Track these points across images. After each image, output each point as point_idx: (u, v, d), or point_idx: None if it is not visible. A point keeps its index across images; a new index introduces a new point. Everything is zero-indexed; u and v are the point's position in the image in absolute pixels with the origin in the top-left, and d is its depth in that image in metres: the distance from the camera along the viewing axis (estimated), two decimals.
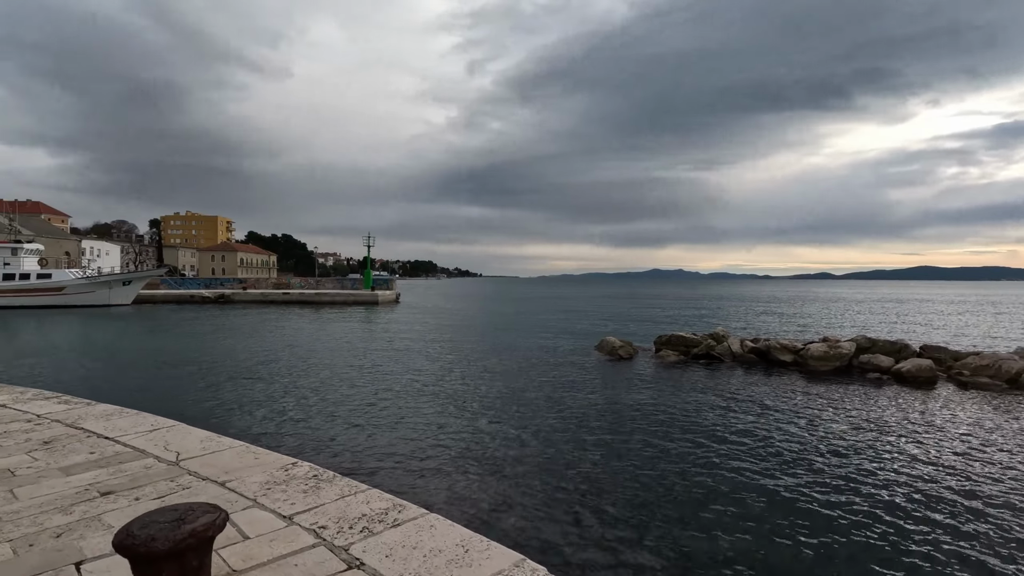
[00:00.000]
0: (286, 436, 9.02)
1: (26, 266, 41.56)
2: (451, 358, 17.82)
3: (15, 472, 3.92)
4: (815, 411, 11.28)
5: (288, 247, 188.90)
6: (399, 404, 11.51)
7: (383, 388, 13.09)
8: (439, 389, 13.03)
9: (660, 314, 41.74)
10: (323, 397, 12.02)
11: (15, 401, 5.98)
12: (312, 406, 11.18)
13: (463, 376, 14.71)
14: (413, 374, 14.93)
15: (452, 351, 19.55)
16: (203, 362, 16.87)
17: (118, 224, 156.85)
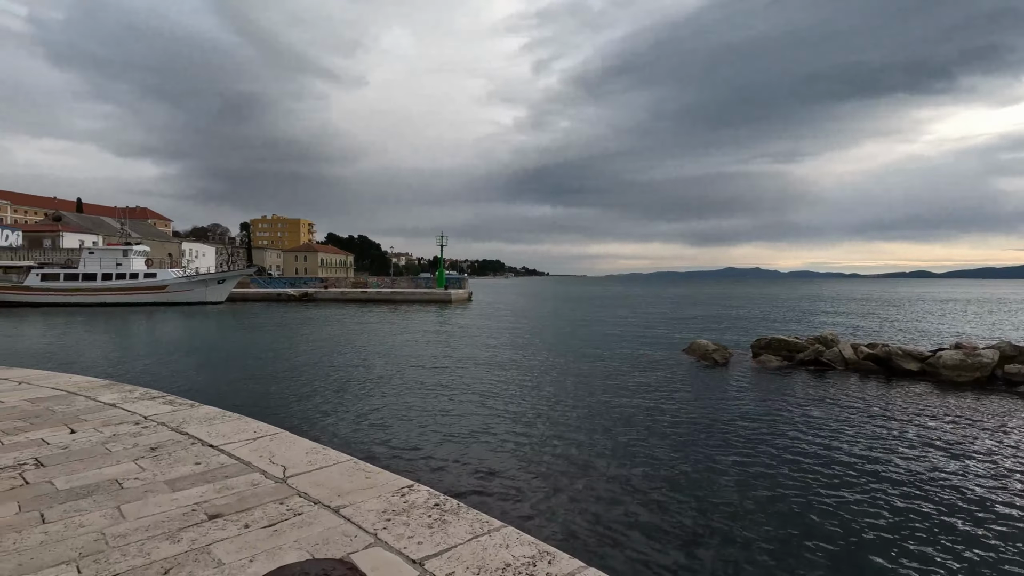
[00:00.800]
0: (383, 445, 8.68)
1: (135, 266, 45.21)
2: (534, 362, 17.22)
3: (123, 484, 3.64)
4: (959, 432, 9.71)
5: (364, 247, 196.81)
6: (489, 412, 11.03)
7: (472, 393, 12.68)
8: (526, 397, 12.45)
9: (745, 315, 39.27)
10: (411, 402, 11.75)
11: (124, 400, 5.92)
12: (404, 412, 10.91)
13: (551, 381, 14.06)
14: (499, 379, 14.45)
15: (533, 353, 18.96)
16: (294, 361, 17.24)
17: (213, 227, 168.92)
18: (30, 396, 6.11)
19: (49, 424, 5.01)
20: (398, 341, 22.34)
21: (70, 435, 4.69)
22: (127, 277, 44.25)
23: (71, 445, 4.42)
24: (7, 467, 3.93)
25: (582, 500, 6.68)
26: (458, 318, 35.82)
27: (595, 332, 26.24)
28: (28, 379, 7.05)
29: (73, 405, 5.73)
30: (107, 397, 6.08)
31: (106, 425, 4.98)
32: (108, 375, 13.12)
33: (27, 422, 5.07)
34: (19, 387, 6.62)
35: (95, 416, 5.29)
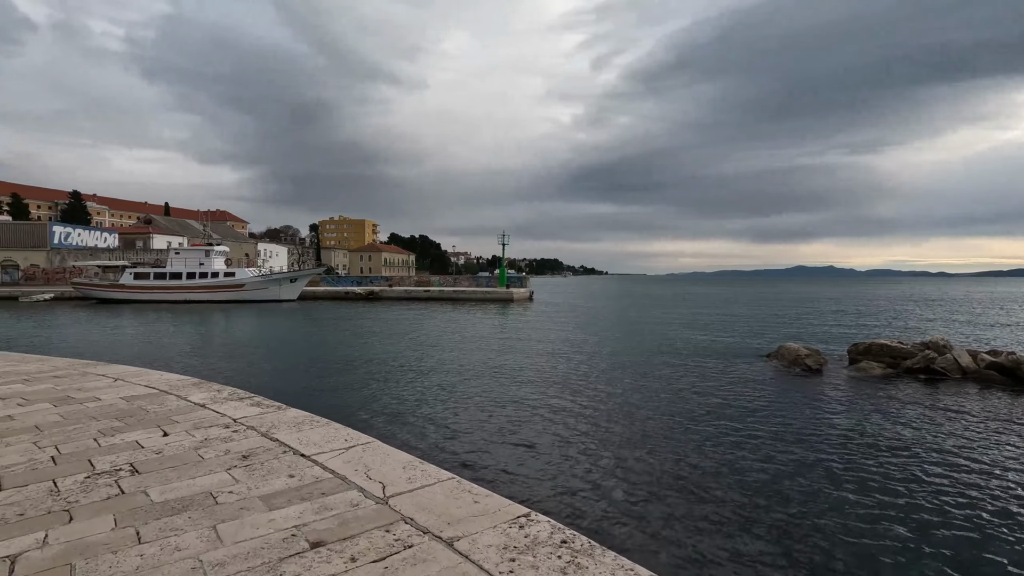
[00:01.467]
0: (477, 459, 8.16)
1: (215, 266, 47.80)
2: (609, 366, 16.49)
3: (217, 498, 3.36)
4: None
5: (424, 247, 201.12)
6: (574, 422, 10.49)
7: (551, 400, 12.17)
8: (611, 406, 11.79)
9: (827, 317, 36.66)
10: (493, 409, 11.34)
11: (213, 401, 5.80)
12: (488, 421, 10.50)
13: (631, 388, 13.32)
14: (576, 385, 13.86)
15: (606, 357, 18.23)
16: (369, 360, 17.33)
17: (284, 228, 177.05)
18: (125, 394, 6.12)
19: (143, 425, 4.90)
20: (467, 341, 22.17)
21: (163, 438, 4.54)
22: (208, 276, 46.86)
23: (164, 450, 4.24)
24: (104, 472, 3.77)
25: (702, 531, 6.01)
26: (521, 318, 35.45)
27: (667, 334, 25.10)
28: (123, 376, 7.14)
29: (165, 405, 5.65)
30: (197, 397, 5.99)
31: (197, 428, 4.81)
32: (194, 372, 13.55)
33: (122, 422, 4.99)
34: (115, 384, 6.69)
35: (186, 417, 5.16)
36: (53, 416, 5.18)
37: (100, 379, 6.98)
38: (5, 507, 3.21)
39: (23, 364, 8.10)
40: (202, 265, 47.12)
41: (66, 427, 4.83)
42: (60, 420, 5.05)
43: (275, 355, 18.53)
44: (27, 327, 28.76)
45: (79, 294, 48.45)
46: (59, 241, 64.61)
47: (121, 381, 6.84)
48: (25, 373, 7.38)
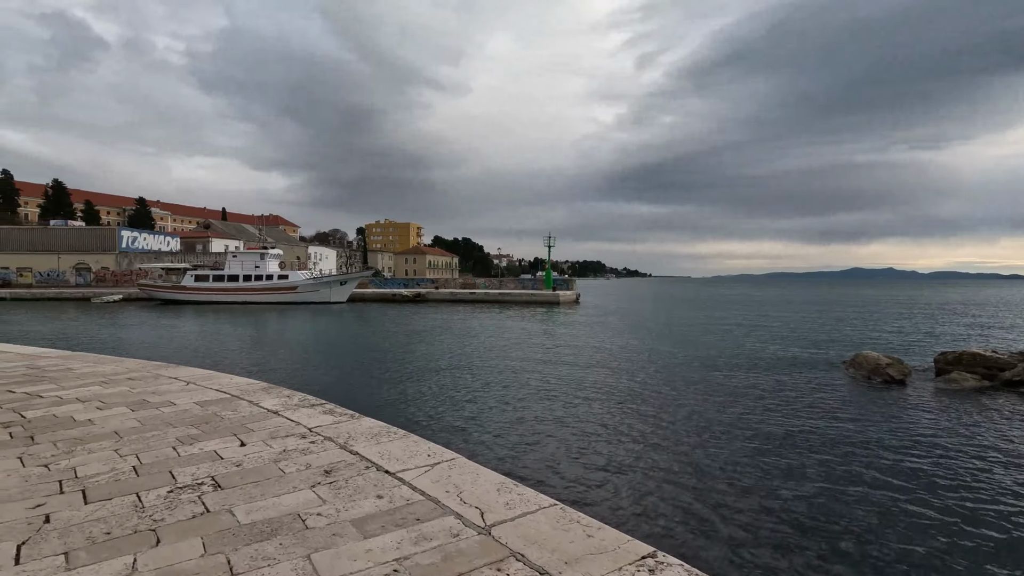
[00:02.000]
0: (569, 479, 7.71)
1: (270, 268, 49.35)
2: (672, 376, 15.82)
3: (306, 521, 3.10)
4: None
5: (467, 249, 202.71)
6: (651, 436, 9.99)
7: (621, 412, 11.69)
8: (683, 421, 11.21)
9: (900, 324, 34.50)
10: (566, 420, 10.97)
11: (285, 407, 5.63)
12: (563, 434, 10.15)
13: (705, 402, 12.66)
14: (642, 396, 13.31)
15: (667, 366, 17.53)
16: (427, 364, 17.24)
17: (333, 232, 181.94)
18: (198, 399, 6.04)
19: (219, 433, 4.75)
20: (520, 347, 21.87)
21: (241, 448, 4.36)
22: (263, 278, 48.41)
23: (244, 462, 4.04)
24: (187, 486, 3.58)
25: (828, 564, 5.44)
26: (570, 321, 34.91)
27: (727, 340, 24.06)
28: (194, 379, 7.12)
29: (238, 411, 5.52)
30: (269, 403, 5.85)
31: (274, 438, 4.62)
32: (258, 375, 13.74)
33: (199, 429, 4.86)
34: (187, 388, 6.65)
35: (261, 426, 4.99)
36: (131, 421, 5.11)
37: (172, 382, 6.97)
38: (92, 523, 3.04)
39: (99, 365, 8.25)
40: (257, 268, 48.73)
41: (144, 434, 4.72)
42: (138, 426, 4.97)
43: (333, 358, 18.70)
44: (99, 327, 30.31)
45: (144, 295, 50.96)
46: (127, 245, 68.30)
47: (193, 385, 6.80)
48: (102, 375, 7.48)
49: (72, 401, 5.93)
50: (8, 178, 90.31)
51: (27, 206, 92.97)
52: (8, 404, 5.79)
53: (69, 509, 3.23)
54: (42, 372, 7.69)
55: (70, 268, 64.92)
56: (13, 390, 6.49)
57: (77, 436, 4.65)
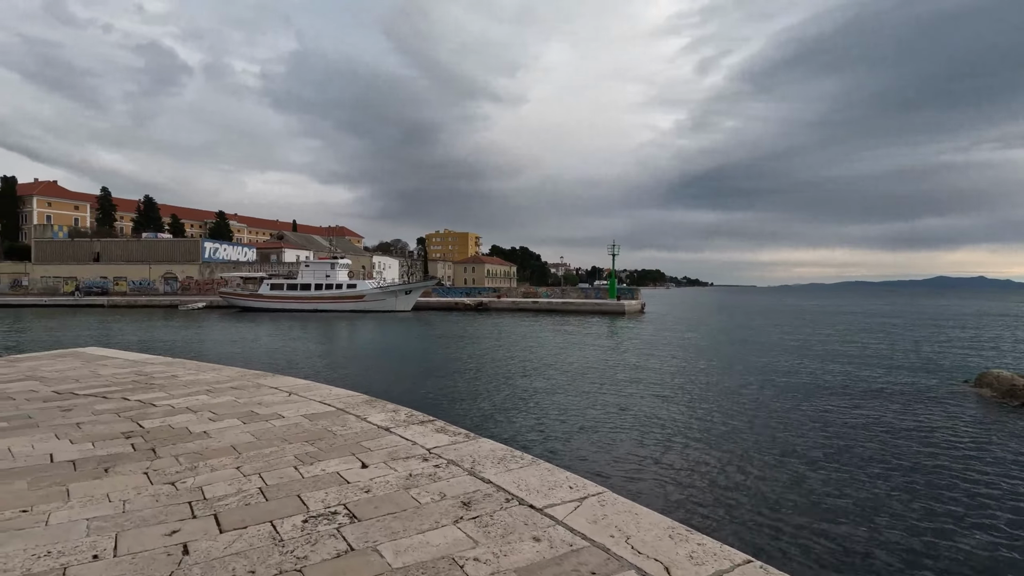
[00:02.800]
0: (728, 518, 7.04)
1: (339, 278, 50.95)
2: (774, 396, 14.74)
3: (463, 567, 2.69)
4: None
5: (524, 258, 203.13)
6: (789, 466, 9.16)
7: (736, 437, 10.89)
8: (809, 448, 10.27)
9: (1005, 337, 31.23)
10: (685, 449, 10.30)
11: (395, 424, 5.33)
12: (689, 462, 9.50)
13: (824, 429, 11.63)
14: (757, 421, 12.40)
15: (766, 385, 16.41)
16: (511, 376, 16.95)
17: (394, 242, 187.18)
18: (304, 411, 5.86)
19: (336, 451, 4.48)
20: (596, 358, 21.22)
21: (363, 470, 4.05)
22: (333, 287, 50.02)
23: (372, 488, 3.71)
24: (320, 515, 3.27)
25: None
26: (639, 333, 33.80)
27: (824, 359, 22.41)
28: (295, 390, 7.01)
29: (348, 426, 5.27)
30: (376, 418, 5.58)
31: (394, 459, 4.29)
32: (350, 385, 13.80)
33: (314, 446, 4.62)
34: (289, 399, 6.52)
35: (376, 444, 4.69)
36: (245, 435, 4.94)
37: (274, 392, 6.88)
38: (233, 558, 2.76)
39: (201, 373, 8.35)
40: (328, 277, 50.42)
41: (262, 450, 4.52)
42: (253, 440, 4.79)
43: (414, 367, 18.70)
44: (189, 334, 32.05)
45: (225, 303, 53.82)
46: (209, 256, 72.64)
47: (295, 396, 6.67)
48: (206, 383, 7.52)
49: (184, 411, 5.89)
50: (107, 195, 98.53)
51: (122, 220, 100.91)
52: (126, 412, 5.81)
53: (206, 538, 2.98)
54: (150, 379, 7.83)
55: (159, 277, 69.73)
56: (128, 398, 6.57)
57: (196, 450, 4.51)
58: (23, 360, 9.79)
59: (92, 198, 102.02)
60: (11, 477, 3.84)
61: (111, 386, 7.33)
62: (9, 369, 8.78)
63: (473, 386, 14.71)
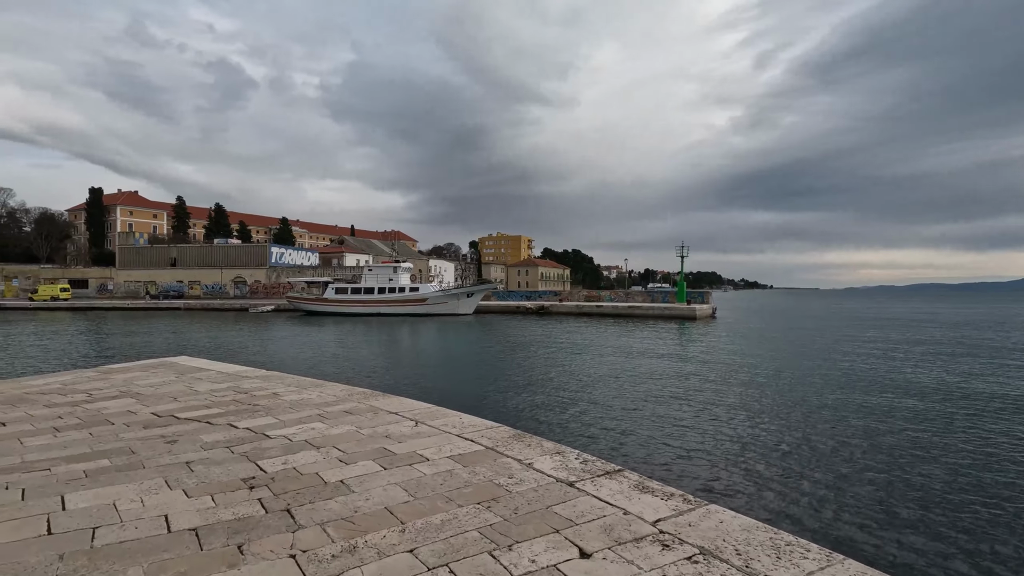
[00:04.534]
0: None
1: (401, 281, 50.94)
2: (901, 426, 12.75)
3: None
4: None
5: (577, 261, 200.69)
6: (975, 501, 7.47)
7: (889, 466, 9.19)
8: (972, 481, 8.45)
9: None
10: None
11: (575, 476, 4.11)
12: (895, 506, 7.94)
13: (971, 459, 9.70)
14: (900, 441, 10.59)
15: (879, 406, 14.36)
16: (607, 389, 15.63)
17: (448, 246, 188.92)
18: (449, 450, 4.73)
19: (531, 524, 3.27)
20: (684, 368, 19.55)
21: (586, 563, 2.83)
22: (396, 291, 50.04)
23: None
24: None
25: None
26: (717, 338, 31.60)
27: (935, 370, 19.84)
28: (419, 416, 5.93)
29: (516, 476, 4.08)
30: (544, 463, 4.37)
31: (620, 543, 3.04)
32: (441, 397, 12.85)
33: (493, 512, 3.44)
34: (418, 430, 5.43)
35: (575, 511, 3.46)
36: (396, 490, 3.83)
37: (396, 420, 5.82)
38: None
39: (304, 391, 7.45)
40: (390, 281, 50.52)
41: (429, 517, 3.38)
42: (410, 499, 3.67)
43: (498, 376, 17.61)
44: (264, 338, 32.35)
45: (291, 306, 54.92)
46: (275, 260, 74.85)
47: (424, 425, 5.58)
48: (314, 405, 6.58)
49: (304, 446, 4.88)
50: (182, 204, 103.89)
51: (195, 227, 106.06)
52: (238, 447, 4.86)
53: None
54: (252, 399, 6.97)
55: (230, 281, 72.37)
56: (235, 424, 5.66)
57: (343, 514, 3.42)
58: (116, 372, 9.26)
59: (168, 206, 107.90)
60: (124, 559, 2.85)
61: (212, 407, 6.50)
62: (103, 383, 8.19)
63: (571, 402, 13.42)
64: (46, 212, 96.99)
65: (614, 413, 12.16)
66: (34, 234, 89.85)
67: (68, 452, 4.71)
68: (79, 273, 77.37)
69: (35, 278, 74.52)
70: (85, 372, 9.30)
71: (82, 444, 4.95)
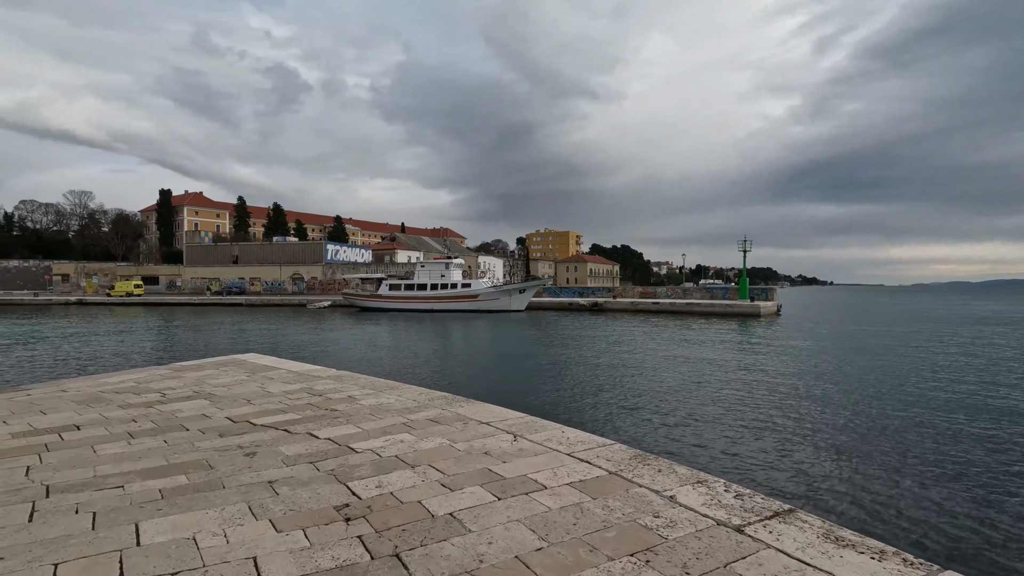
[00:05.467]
0: None
1: (454, 277, 50.86)
2: None
3: None
4: None
5: (626, 256, 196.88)
6: None
7: None
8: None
9: None
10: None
11: (739, 517, 3.28)
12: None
13: None
14: None
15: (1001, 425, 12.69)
16: (692, 394, 14.62)
17: (495, 242, 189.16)
18: (566, 475, 3.98)
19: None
20: (766, 368, 18.20)
21: None
22: (448, 287, 50.00)
23: None
24: None
25: None
26: (790, 337, 29.65)
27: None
28: (515, 428, 5.23)
29: (664, 515, 3.29)
30: (689, 497, 3.56)
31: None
32: (524, 402, 12.21)
33: (656, 569, 2.67)
34: (519, 446, 4.72)
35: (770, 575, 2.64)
36: (520, 530, 3.11)
37: (491, 432, 5.13)
38: None
39: (381, 394, 6.90)
40: (443, 277, 50.53)
41: (577, 574, 2.64)
42: (541, 544, 2.94)
43: (567, 378, 16.80)
44: (324, 332, 32.76)
45: (347, 302, 55.89)
46: (330, 257, 76.61)
47: (523, 440, 4.87)
48: (395, 411, 5.99)
49: (396, 463, 4.26)
50: (242, 204, 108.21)
51: (255, 226, 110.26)
52: (323, 463, 4.29)
53: None
54: (328, 402, 6.47)
55: (288, 278, 74.60)
56: (315, 433, 5.12)
57: (467, 565, 2.73)
58: (188, 369, 9.04)
59: (230, 206, 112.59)
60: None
61: (288, 411, 6.02)
62: (176, 381, 7.93)
63: (661, 410, 12.41)
64: (121, 213, 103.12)
65: (719, 425, 11.12)
66: (111, 234, 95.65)
67: (142, 464, 4.26)
68: (151, 270, 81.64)
69: (112, 275, 79.13)
70: (158, 369, 9.13)
71: (157, 454, 4.51)
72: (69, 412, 6.06)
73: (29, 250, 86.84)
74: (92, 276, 79.46)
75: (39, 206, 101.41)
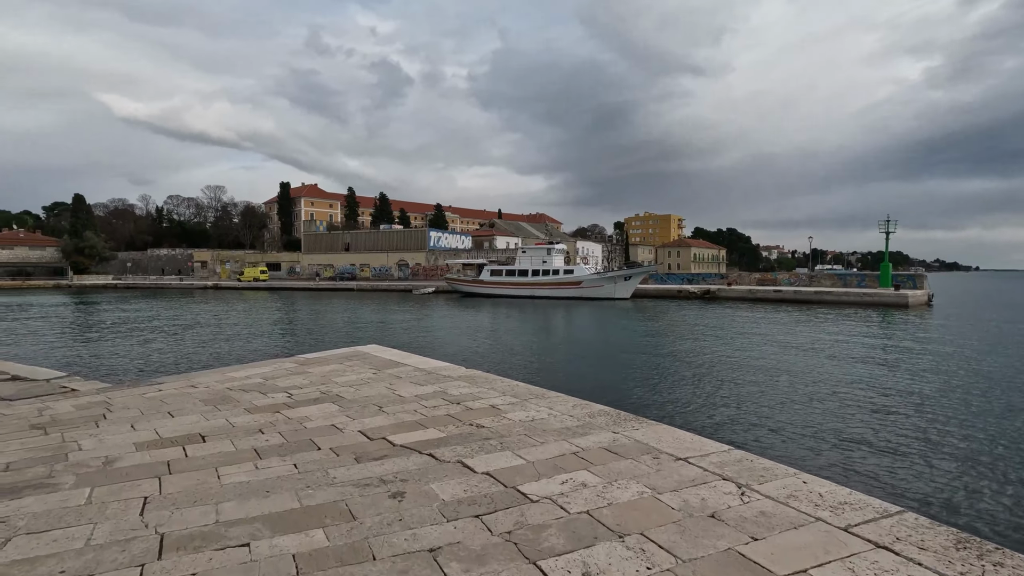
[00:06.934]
0: None
1: (556, 263, 49.63)
2: None
3: None
4: None
5: (732, 240, 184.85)
6: None
7: None
8: None
9: None
10: None
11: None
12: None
13: None
14: None
15: None
16: (862, 403, 12.41)
17: (592, 227, 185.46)
18: (824, 552, 2.52)
19: None
20: (950, 372, 15.21)
21: None
22: (550, 273, 48.89)
23: None
24: None
25: None
26: (960, 335, 25.17)
27: None
28: (729, 472, 3.84)
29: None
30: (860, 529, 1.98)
31: None
32: (672, 415, 10.78)
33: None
34: (759, 508, 3.32)
35: None
36: None
37: (698, 475, 3.79)
38: None
39: (529, 405, 5.77)
40: (545, 263, 49.49)
41: None
42: None
43: (703, 379, 15.02)
44: (433, 320, 33.02)
45: (449, 288, 56.73)
46: (433, 244, 78.51)
47: (755, 493, 3.47)
48: (553, 432, 4.84)
49: (593, 526, 3.04)
50: (352, 194, 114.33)
51: (363, 215, 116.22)
52: (492, 517, 3.17)
53: None
54: (468, 413, 5.45)
55: (394, 264, 77.55)
56: (468, 462, 4.05)
57: None
58: (313, 363, 8.56)
59: (341, 197, 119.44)
60: None
61: (428, 426, 5.06)
62: (302, 379, 7.37)
63: (876, 440, 10.41)
64: (248, 205, 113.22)
65: (983, 477, 9.01)
66: (240, 224, 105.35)
67: (271, 505, 3.40)
68: (273, 257, 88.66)
69: (241, 262, 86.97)
70: (284, 363, 8.76)
71: (287, 488, 3.65)
72: (196, 416, 5.54)
73: (176, 239, 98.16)
74: (225, 263, 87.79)
75: (183, 200, 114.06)
